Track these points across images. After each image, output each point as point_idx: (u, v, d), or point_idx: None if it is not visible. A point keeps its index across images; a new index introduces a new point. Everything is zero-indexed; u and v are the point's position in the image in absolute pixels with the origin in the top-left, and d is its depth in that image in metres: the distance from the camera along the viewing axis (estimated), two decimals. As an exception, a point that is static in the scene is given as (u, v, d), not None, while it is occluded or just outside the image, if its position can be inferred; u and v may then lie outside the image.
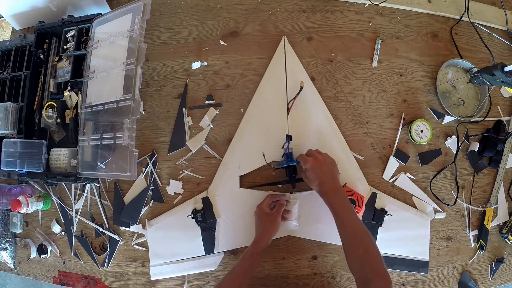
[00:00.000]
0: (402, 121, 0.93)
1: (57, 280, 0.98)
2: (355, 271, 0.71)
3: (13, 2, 1.01)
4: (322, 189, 0.78)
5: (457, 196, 0.92)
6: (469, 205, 0.93)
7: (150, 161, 0.94)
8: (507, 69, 0.79)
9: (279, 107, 0.91)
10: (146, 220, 0.93)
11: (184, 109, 0.94)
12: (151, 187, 0.93)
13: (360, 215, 0.87)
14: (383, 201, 0.90)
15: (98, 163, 0.84)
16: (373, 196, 0.90)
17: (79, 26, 0.93)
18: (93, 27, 0.91)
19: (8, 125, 0.93)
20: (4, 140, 0.92)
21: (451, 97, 0.96)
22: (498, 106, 0.96)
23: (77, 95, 0.93)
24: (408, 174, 0.92)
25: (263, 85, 0.93)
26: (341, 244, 0.88)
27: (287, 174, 0.88)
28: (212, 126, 0.93)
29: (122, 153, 0.81)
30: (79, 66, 0.94)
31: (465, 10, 0.96)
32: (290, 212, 0.87)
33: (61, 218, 0.98)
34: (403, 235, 0.89)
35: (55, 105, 0.91)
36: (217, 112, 0.94)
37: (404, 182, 0.92)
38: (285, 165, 0.86)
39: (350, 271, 0.72)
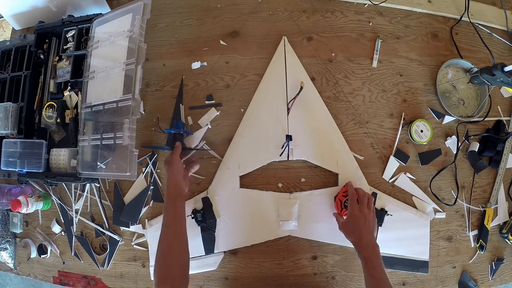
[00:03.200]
0: (402, 121, 0.93)
1: (57, 280, 0.98)
2: None
3: (13, 2, 1.01)
4: (361, 242, 0.76)
5: (457, 196, 0.92)
6: (469, 205, 0.93)
7: (150, 161, 0.94)
8: (507, 69, 0.79)
9: (279, 107, 0.91)
10: (146, 220, 0.93)
11: (181, 105, 0.94)
12: (151, 187, 0.93)
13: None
14: (383, 201, 0.90)
15: (98, 163, 0.84)
16: (373, 196, 0.89)
17: (79, 26, 0.94)
18: (93, 27, 0.91)
19: (8, 125, 0.93)
20: (4, 140, 0.92)
21: (451, 97, 0.96)
22: (498, 106, 0.96)
23: (77, 95, 0.93)
24: (408, 174, 0.92)
25: (263, 85, 0.93)
26: (341, 244, 0.89)
27: (169, 141, 0.87)
28: (210, 127, 0.93)
29: (122, 153, 0.81)
30: (79, 66, 0.94)
31: (465, 10, 0.96)
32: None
33: (61, 218, 0.98)
34: (403, 235, 0.89)
35: (55, 105, 0.91)
36: (218, 113, 0.94)
37: (404, 182, 0.92)
38: (173, 132, 0.86)
39: None
